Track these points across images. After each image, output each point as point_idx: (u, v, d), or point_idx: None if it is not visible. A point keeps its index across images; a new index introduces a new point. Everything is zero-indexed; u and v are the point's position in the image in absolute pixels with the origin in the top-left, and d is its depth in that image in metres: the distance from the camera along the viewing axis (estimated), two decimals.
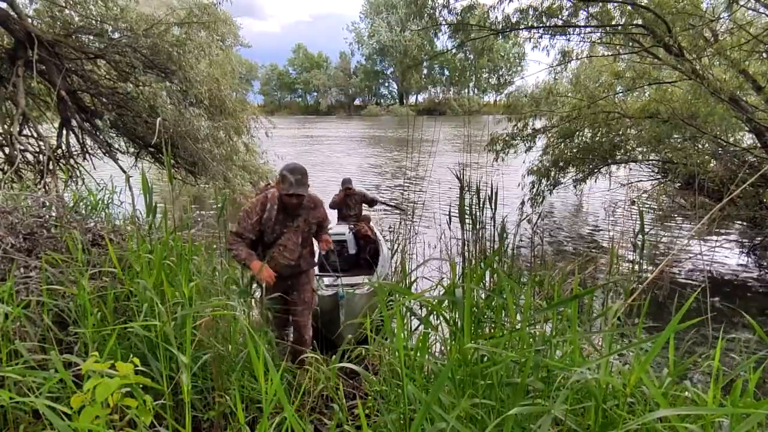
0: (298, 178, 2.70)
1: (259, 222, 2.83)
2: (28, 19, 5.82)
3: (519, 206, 7.70)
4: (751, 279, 5.76)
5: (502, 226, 3.22)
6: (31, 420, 1.98)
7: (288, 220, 2.88)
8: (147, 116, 6.42)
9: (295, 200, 2.76)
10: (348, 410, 2.29)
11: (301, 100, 69.65)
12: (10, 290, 2.25)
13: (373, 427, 1.84)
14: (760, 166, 5.38)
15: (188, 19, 6.81)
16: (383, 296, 2.11)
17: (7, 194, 3.58)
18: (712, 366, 1.50)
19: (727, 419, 1.40)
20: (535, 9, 6.16)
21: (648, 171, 8.46)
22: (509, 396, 1.53)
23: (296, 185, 2.70)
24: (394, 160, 17.29)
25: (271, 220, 2.84)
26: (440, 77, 61.86)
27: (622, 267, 5.00)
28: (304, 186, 2.73)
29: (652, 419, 1.21)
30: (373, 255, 5.08)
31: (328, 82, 64.50)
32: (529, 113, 8.16)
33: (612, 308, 1.88)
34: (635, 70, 7.10)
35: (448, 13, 6.68)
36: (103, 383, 1.07)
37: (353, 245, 5.11)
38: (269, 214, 2.84)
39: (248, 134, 9.11)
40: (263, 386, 1.20)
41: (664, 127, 6.47)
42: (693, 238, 6.34)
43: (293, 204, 2.77)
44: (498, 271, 2.33)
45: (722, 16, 5.79)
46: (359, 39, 63.45)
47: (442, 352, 2.50)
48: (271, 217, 2.84)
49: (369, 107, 61.84)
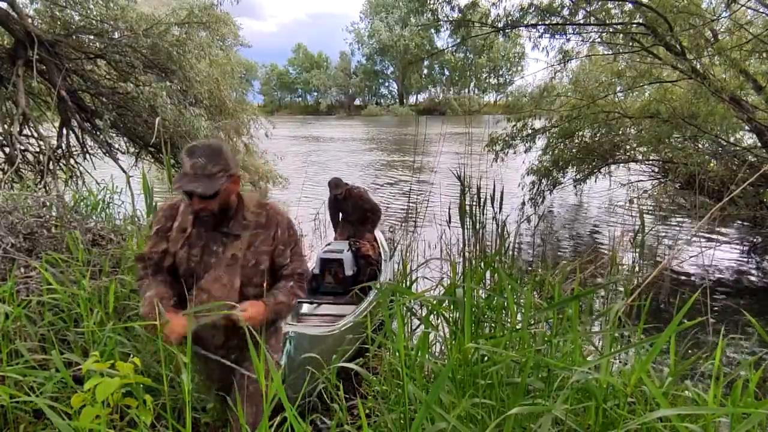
0: (199, 163, 1.50)
1: (165, 241, 1.68)
2: (28, 18, 5.82)
3: (519, 206, 7.70)
4: (751, 279, 5.76)
5: (503, 226, 3.22)
6: (31, 420, 1.98)
7: (214, 244, 1.65)
8: (147, 116, 6.42)
9: (199, 205, 1.56)
10: (348, 410, 2.29)
11: (301, 100, 69.63)
12: (10, 290, 2.25)
13: (373, 427, 1.84)
14: (760, 166, 5.37)
15: (188, 19, 6.81)
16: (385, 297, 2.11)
17: (8, 194, 3.58)
18: (713, 366, 1.50)
19: (728, 419, 1.40)
20: (536, 6, 6.16)
21: (648, 171, 8.46)
22: (509, 396, 1.53)
23: (193, 177, 1.50)
24: (395, 160, 17.29)
25: (180, 243, 1.66)
26: (440, 77, 61.86)
27: (623, 267, 5.01)
28: (214, 179, 1.51)
29: (652, 419, 1.21)
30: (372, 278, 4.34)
31: (328, 82, 64.47)
32: (528, 113, 8.16)
33: (612, 308, 1.88)
34: (636, 69, 7.10)
35: (450, 10, 6.68)
36: (104, 383, 1.07)
37: (351, 266, 4.46)
38: (178, 233, 1.67)
39: (248, 134, 9.12)
40: (263, 385, 1.20)
41: (664, 126, 6.46)
42: (693, 237, 6.34)
43: (197, 211, 1.59)
44: (498, 271, 2.33)
45: (722, 15, 5.80)
46: (359, 39, 63.48)
47: (443, 351, 2.50)
48: (180, 239, 1.66)
49: (369, 107, 61.79)
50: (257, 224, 1.68)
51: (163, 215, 1.71)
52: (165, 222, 1.70)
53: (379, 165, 16.24)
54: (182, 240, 1.67)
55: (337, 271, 4.40)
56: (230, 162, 1.58)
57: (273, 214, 1.72)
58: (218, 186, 1.52)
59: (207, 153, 1.53)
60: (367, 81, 64.90)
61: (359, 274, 4.54)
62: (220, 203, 1.60)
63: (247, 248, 1.66)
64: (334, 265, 4.41)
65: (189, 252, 1.66)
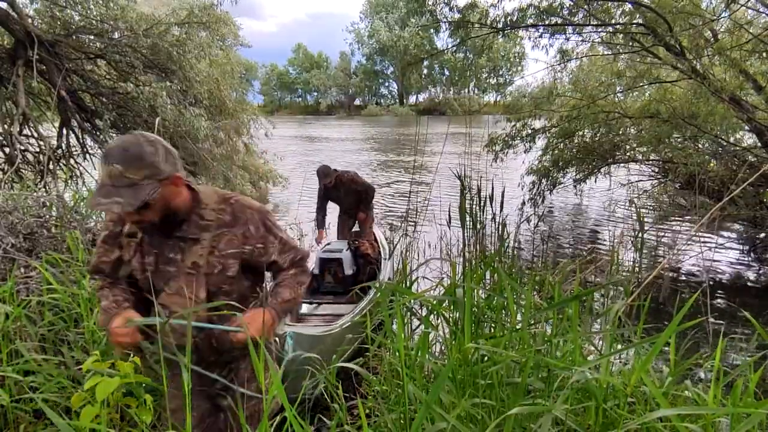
0: (115, 171, 1.21)
1: (117, 248, 1.45)
2: (28, 18, 5.82)
3: (519, 206, 7.70)
4: (751, 278, 5.76)
5: (503, 226, 3.22)
6: (31, 420, 1.98)
7: (170, 251, 1.41)
8: (147, 116, 6.42)
9: (131, 218, 1.33)
10: (348, 410, 2.29)
11: (301, 100, 69.68)
12: (10, 290, 2.26)
13: (373, 427, 1.84)
14: (760, 166, 5.37)
15: (188, 20, 6.82)
16: (385, 297, 2.11)
17: (8, 194, 3.58)
18: (713, 366, 1.50)
19: (728, 419, 1.40)
20: (536, 7, 6.17)
21: (648, 171, 8.47)
22: (509, 396, 1.53)
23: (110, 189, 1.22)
24: (394, 160, 17.30)
25: (132, 250, 1.43)
26: (440, 77, 61.90)
27: (623, 267, 5.01)
28: (137, 189, 1.22)
29: (652, 419, 1.21)
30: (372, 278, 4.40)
31: (328, 82, 64.52)
32: (528, 113, 8.17)
33: (612, 308, 1.88)
34: (635, 69, 7.10)
35: (449, 11, 6.69)
36: (104, 382, 1.07)
37: (350, 265, 4.46)
38: (128, 239, 1.44)
39: (248, 134, 9.13)
40: (263, 385, 1.20)
41: (664, 126, 6.47)
42: (693, 237, 6.34)
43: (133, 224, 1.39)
44: (498, 271, 2.33)
45: (722, 15, 5.80)
46: (359, 39, 63.51)
47: (443, 351, 2.50)
48: (132, 246, 1.43)
49: (369, 107, 61.83)
50: (221, 223, 1.42)
51: (111, 218, 1.46)
52: (114, 226, 1.45)
53: (379, 165, 16.25)
54: (134, 247, 1.42)
55: (336, 271, 4.40)
56: (159, 163, 1.25)
57: (240, 209, 1.44)
58: (143, 197, 1.22)
59: (125, 157, 1.21)
60: (367, 81, 64.94)
61: (359, 273, 4.55)
62: (161, 211, 1.32)
63: (209, 253, 1.40)
64: (334, 264, 4.41)
65: (142, 261, 1.41)
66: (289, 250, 1.53)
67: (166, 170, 1.28)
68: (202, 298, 1.41)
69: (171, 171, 1.29)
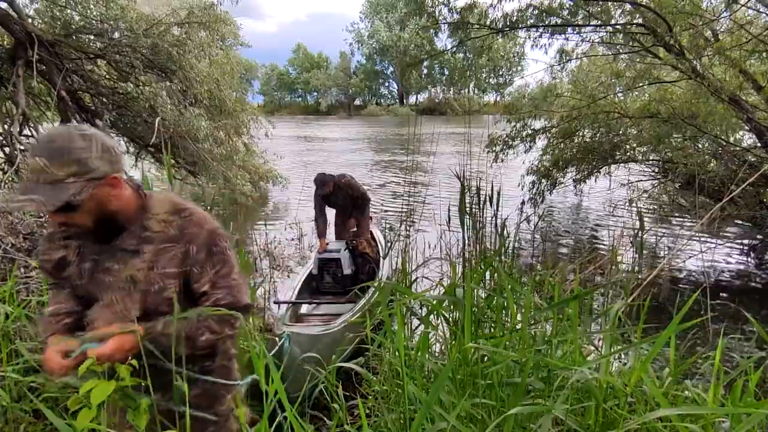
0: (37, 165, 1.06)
1: (62, 248, 1.28)
2: (28, 19, 5.83)
3: (519, 206, 7.71)
4: (751, 278, 5.76)
5: (503, 226, 3.22)
6: (31, 420, 1.98)
7: (110, 260, 1.24)
8: (147, 116, 6.43)
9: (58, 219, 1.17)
10: (348, 410, 2.29)
11: (301, 100, 69.66)
12: (10, 290, 2.26)
13: (373, 427, 1.84)
14: (760, 166, 5.38)
15: (188, 19, 6.82)
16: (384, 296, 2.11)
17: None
18: (713, 366, 1.50)
19: (728, 419, 1.40)
20: (535, 8, 6.17)
21: (648, 171, 8.47)
22: (509, 396, 1.53)
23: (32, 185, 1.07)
24: (394, 160, 17.30)
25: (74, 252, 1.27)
26: (440, 77, 61.90)
27: (623, 267, 5.01)
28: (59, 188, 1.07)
29: (652, 419, 1.21)
30: (371, 276, 4.46)
31: (328, 82, 64.50)
32: (528, 113, 8.17)
33: (612, 308, 1.88)
34: (635, 69, 7.10)
35: (448, 12, 6.69)
36: (99, 386, 1.06)
37: (349, 264, 4.47)
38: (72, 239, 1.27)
39: (248, 134, 9.13)
40: (263, 385, 1.20)
41: (664, 126, 6.47)
42: (693, 237, 6.35)
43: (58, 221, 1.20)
44: (498, 271, 2.33)
45: (722, 15, 5.80)
46: (359, 39, 63.49)
47: (443, 351, 2.50)
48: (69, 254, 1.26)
49: (369, 107, 61.82)
50: (165, 237, 1.24)
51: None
52: (57, 236, 1.27)
53: (378, 165, 16.25)
54: (75, 249, 1.26)
55: (335, 271, 4.43)
56: (90, 160, 1.09)
57: (188, 224, 1.25)
58: (66, 197, 1.06)
59: (49, 149, 1.07)
60: (367, 81, 64.91)
61: (358, 272, 4.56)
62: (95, 215, 1.16)
63: (149, 268, 1.22)
64: (332, 264, 4.44)
65: (79, 266, 1.25)
66: (224, 288, 1.27)
67: (100, 169, 1.12)
68: (134, 316, 1.21)
69: (107, 170, 1.13)
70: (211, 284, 1.26)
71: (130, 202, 1.23)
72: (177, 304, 1.16)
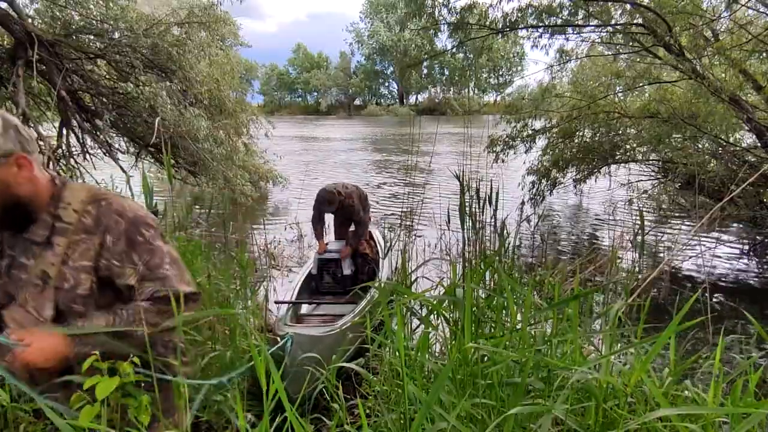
0: None
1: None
2: (28, 18, 5.82)
3: (519, 206, 7.70)
4: (751, 279, 5.76)
5: (503, 226, 3.22)
6: (31, 420, 1.98)
7: (23, 254, 1.15)
8: (147, 116, 6.43)
9: None
10: (348, 410, 2.29)
11: (301, 100, 69.65)
12: None
13: (373, 427, 1.84)
14: (760, 166, 5.38)
15: (188, 19, 6.82)
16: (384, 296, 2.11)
17: None
18: (713, 366, 1.50)
19: (728, 419, 1.40)
20: (535, 8, 6.17)
21: (648, 171, 8.47)
22: (509, 396, 1.53)
23: None
24: (394, 160, 17.30)
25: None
26: (440, 77, 61.90)
27: (623, 267, 5.01)
28: None
29: (652, 419, 1.21)
30: (371, 276, 4.46)
31: (328, 82, 64.50)
32: (528, 114, 8.17)
33: (612, 308, 1.88)
34: (635, 69, 7.11)
35: (448, 13, 6.69)
36: (103, 382, 1.06)
37: (349, 265, 4.48)
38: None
39: (248, 134, 9.14)
40: (264, 385, 1.20)
41: (664, 126, 6.47)
42: (693, 237, 6.35)
43: None
44: (498, 271, 2.33)
45: (722, 15, 5.80)
46: (359, 39, 63.50)
47: (443, 351, 2.50)
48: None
49: (369, 107, 61.83)
50: (80, 228, 1.13)
51: None
52: None
53: (378, 165, 16.25)
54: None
55: (335, 271, 4.43)
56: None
57: (106, 213, 1.14)
58: None
59: None
60: (367, 81, 64.91)
61: (358, 272, 4.56)
62: (1, 199, 1.06)
63: (62, 263, 1.12)
64: (332, 264, 4.44)
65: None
66: (156, 280, 1.17)
67: (2, 147, 1.02)
68: (47, 316, 1.12)
69: (11, 148, 1.03)
70: (140, 277, 1.17)
71: (42, 189, 1.13)
72: (93, 302, 1.11)
